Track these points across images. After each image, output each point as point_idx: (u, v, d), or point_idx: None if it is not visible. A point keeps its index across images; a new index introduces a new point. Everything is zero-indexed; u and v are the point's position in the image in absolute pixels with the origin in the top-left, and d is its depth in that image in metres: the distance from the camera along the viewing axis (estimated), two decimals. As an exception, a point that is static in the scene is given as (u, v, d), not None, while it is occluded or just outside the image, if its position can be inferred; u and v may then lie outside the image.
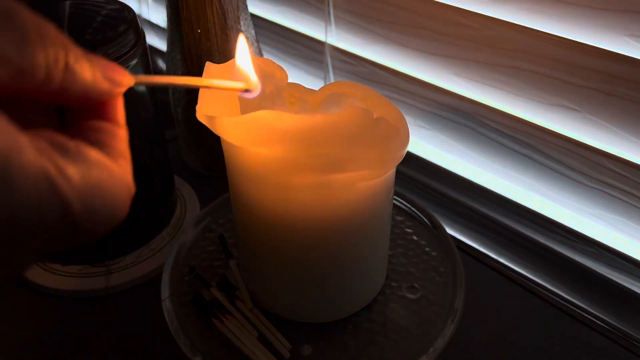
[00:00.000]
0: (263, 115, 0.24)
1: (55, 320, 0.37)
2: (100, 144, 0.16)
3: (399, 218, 0.40)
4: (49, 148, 0.14)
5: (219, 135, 0.26)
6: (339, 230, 0.28)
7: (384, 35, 0.44)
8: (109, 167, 0.16)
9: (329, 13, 0.47)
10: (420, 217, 0.39)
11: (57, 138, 0.15)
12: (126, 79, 0.17)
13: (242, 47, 0.27)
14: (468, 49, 0.39)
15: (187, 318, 0.33)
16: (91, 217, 0.14)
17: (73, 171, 0.14)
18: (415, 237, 0.38)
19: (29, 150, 0.13)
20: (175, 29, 0.42)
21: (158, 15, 0.66)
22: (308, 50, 0.51)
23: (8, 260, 0.13)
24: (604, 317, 0.37)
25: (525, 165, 0.40)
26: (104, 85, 0.16)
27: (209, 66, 0.27)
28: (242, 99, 0.27)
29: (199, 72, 0.26)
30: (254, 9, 0.55)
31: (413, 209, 0.40)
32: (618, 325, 0.37)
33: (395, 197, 0.40)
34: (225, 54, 0.42)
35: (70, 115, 0.17)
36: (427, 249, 0.37)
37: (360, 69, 0.47)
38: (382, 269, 0.34)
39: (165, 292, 0.34)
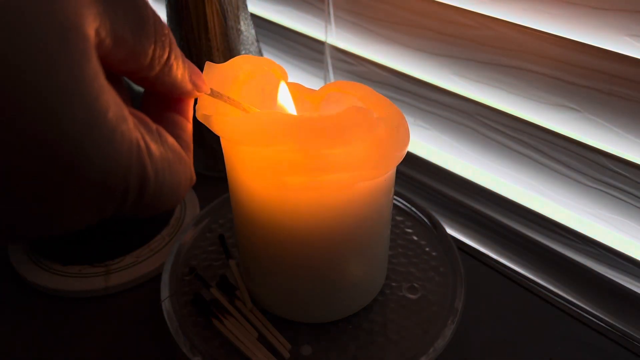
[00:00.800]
0: (263, 115, 0.24)
1: (54, 320, 0.37)
2: (172, 135, 0.19)
3: (399, 218, 0.40)
4: (139, 124, 0.16)
5: (219, 134, 0.26)
6: (339, 230, 0.28)
7: (384, 35, 0.44)
8: (179, 154, 0.18)
9: (328, 13, 0.47)
10: (420, 217, 0.39)
11: (144, 117, 0.17)
12: (206, 86, 0.20)
13: (284, 93, 0.27)
14: (468, 48, 0.39)
15: (186, 318, 0.33)
16: (158, 194, 0.16)
17: (154, 149, 0.16)
18: (415, 237, 0.38)
19: (130, 121, 0.15)
20: (175, 28, 0.42)
21: (158, 15, 0.66)
22: (308, 50, 0.51)
23: (85, 214, 0.14)
24: (604, 317, 0.37)
25: (526, 165, 0.40)
26: (188, 86, 0.19)
27: (208, 66, 0.27)
28: (242, 99, 0.27)
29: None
30: (254, 8, 0.55)
31: (413, 209, 0.40)
32: (618, 325, 0.37)
33: (395, 197, 0.40)
34: (225, 54, 0.42)
35: (148, 104, 0.20)
36: (427, 249, 0.37)
37: (360, 69, 0.47)
38: (382, 269, 0.34)
39: (164, 292, 0.34)
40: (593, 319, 0.37)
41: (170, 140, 0.17)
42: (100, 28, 0.14)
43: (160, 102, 0.20)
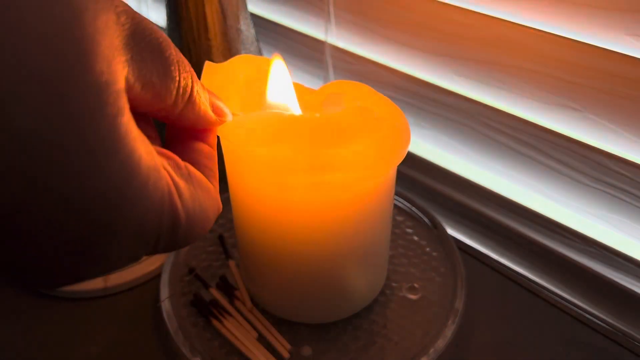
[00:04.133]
0: (263, 115, 0.24)
1: (53, 320, 0.37)
2: (197, 164, 0.19)
3: (399, 218, 0.40)
4: (168, 165, 0.16)
5: (219, 135, 0.26)
6: (339, 230, 0.28)
7: (384, 34, 0.44)
8: (207, 187, 0.18)
9: (329, 12, 0.47)
10: (420, 217, 0.39)
11: (173, 156, 0.17)
12: (228, 114, 0.20)
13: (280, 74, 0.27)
14: (469, 48, 0.39)
15: (186, 319, 0.33)
16: (189, 232, 0.16)
17: (185, 190, 0.16)
18: (415, 237, 0.38)
19: (162, 169, 0.15)
20: (175, 28, 0.42)
21: (158, 15, 0.66)
22: (308, 50, 0.51)
23: (119, 261, 0.15)
24: (604, 317, 0.37)
25: (526, 165, 0.40)
26: (211, 117, 0.19)
27: (208, 66, 0.26)
28: (242, 98, 0.27)
29: (198, 72, 0.26)
30: (253, 8, 0.55)
31: (413, 209, 0.40)
32: (618, 325, 0.37)
33: (395, 197, 0.40)
34: (225, 54, 0.42)
35: (172, 136, 0.20)
36: (427, 249, 0.37)
37: (361, 69, 0.47)
38: (382, 270, 0.34)
39: (164, 292, 0.34)
40: (593, 319, 0.37)
41: (198, 175, 0.18)
42: (129, 75, 0.14)
43: (185, 132, 0.20)
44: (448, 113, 0.43)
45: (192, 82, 0.17)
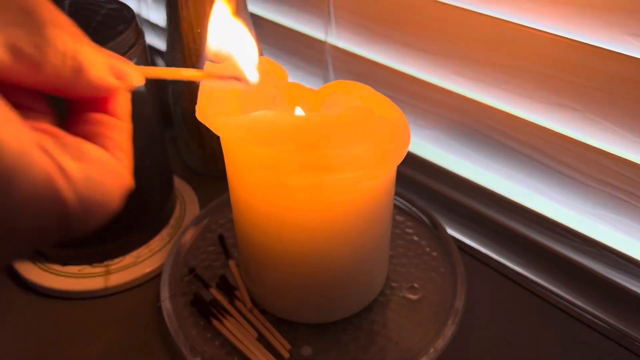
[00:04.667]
0: (263, 115, 0.24)
1: (53, 320, 0.37)
2: (98, 136, 0.16)
3: (399, 218, 0.40)
4: (50, 143, 0.14)
5: (219, 134, 0.26)
6: (340, 230, 0.28)
7: (384, 34, 0.44)
8: (106, 162, 0.15)
9: (329, 12, 0.47)
10: (420, 217, 0.39)
11: (57, 132, 0.14)
12: (135, 76, 0.17)
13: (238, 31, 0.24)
14: (469, 48, 0.39)
15: (186, 319, 0.33)
16: (86, 217, 0.15)
17: (73, 170, 0.14)
18: (415, 237, 0.38)
19: (36, 152, 0.13)
20: (175, 28, 0.42)
21: (157, 15, 0.66)
22: (308, 50, 0.51)
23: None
24: (604, 317, 0.37)
25: (526, 165, 0.40)
26: (110, 81, 0.16)
27: (208, 66, 0.26)
28: (242, 98, 0.27)
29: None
30: (253, 8, 0.55)
31: (413, 209, 0.40)
32: (618, 325, 0.37)
33: (395, 197, 0.40)
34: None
35: (70, 109, 0.17)
36: (427, 249, 0.37)
37: (361, 69, 0.47)
38: (382, 270, 0.34)
39: (164, 292, 0.34)
40: (593, 319, 0.37)
41: (94, 150, 0.15)
42: None
43: (85, 104, 0.17)
44: (448, 113, 0.43)
45: (77, 45, 0.15)
